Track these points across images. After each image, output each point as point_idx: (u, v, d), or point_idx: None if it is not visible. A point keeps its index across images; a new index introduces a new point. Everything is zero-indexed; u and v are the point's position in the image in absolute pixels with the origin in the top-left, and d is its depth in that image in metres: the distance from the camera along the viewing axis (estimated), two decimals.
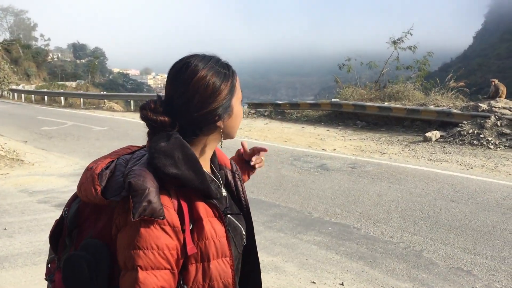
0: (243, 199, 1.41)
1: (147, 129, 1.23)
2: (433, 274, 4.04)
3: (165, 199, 1.09)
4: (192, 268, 1.12)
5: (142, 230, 1.04)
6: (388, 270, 4.12)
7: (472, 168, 8.15)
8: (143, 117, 1.19)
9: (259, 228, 5.17)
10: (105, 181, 1.12)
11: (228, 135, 1.27)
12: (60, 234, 1.23)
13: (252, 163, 1.66)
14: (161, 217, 1.05)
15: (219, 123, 1.20)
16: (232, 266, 1.18)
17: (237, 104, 1.24)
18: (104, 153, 1.28)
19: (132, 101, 23.33)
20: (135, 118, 17.95)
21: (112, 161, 1.20)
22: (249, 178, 1.72)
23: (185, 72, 1.17)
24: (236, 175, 1.43)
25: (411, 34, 16.58)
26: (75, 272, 1.08)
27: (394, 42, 16.87)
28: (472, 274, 4.02)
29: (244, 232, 1.34)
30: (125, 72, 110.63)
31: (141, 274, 1.03)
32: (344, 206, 5.96)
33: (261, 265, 1.47)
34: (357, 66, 17.82)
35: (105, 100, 24.71)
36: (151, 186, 1.06)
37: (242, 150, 1.70)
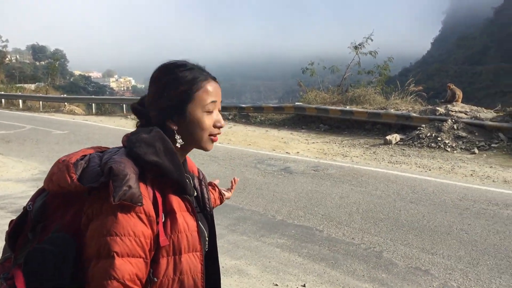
0: (208, 206, 1.42)
1: (108, 133, 1.23)
2: (393, 274, 4.13)
3: (142, 188, 1.10)
4: (163, 261, 1.12)
5: (120, 216, 1.04)
6: (349, 271, 4.18)
7: (430, 170, 8.39)
8: (131, 108, 1.33)
9: (223, 231, 5.15)
10: (80, 170, 1.12)
11: (192, 142, 1.27)
12: (20, 231, 1.19)
13: (227, 195, 1.94)
14: (140, 204, 1.06)
15: (171, 124, 1.24)
16: (202, 261, 1.20)
17: (197, 111, 1.24)
18: None
19: (93, 104, 22.83)
20: (96, 121, 17.59)
21: (85, 155, 1.20)
22: (220, 203, 1.89)
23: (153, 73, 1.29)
24: (202, 182, 1.45)
25: (372, 40, 16.96)
26: (40, 266, 1.06)
27: (356, 47, 17.19)
28: (429, 273, 4.14)
29: (207, 238, 1.35)
30: (86, 74, 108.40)
31: (118, 261, 1.03)
32: (307, 209, 6.01)
33: (223, 269, 1.48)
34: (320, 70, 18.08)
35: (66, 103, 24.06)
36: (131, 172, 1.08)
37: (215, 182, 1.90)
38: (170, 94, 1.23)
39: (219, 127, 1.28)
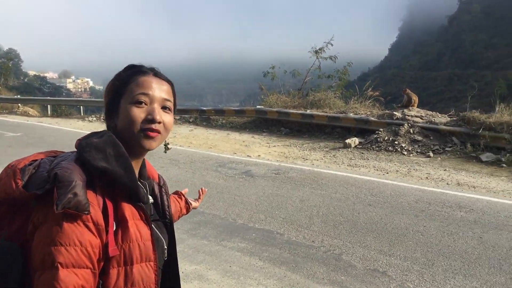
0: (167, 213, 1.37)
1: (64, 136, 1.19)
2: (351, 276, 4.19)
3: (91, 196, 1.05)
4: (114, 272, 1.07)
5: (65, 225, 0.99)
6: (309, 274, 4.22)
7: (387, 173, 8.60)
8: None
9: (183, 236, 5.09)
10: (27, 176, 1.06)
11: (129, 140, 1.19)
12: None
13: (194, 205, 1.96)
14: (86, 212, 1.00)
15: (110, 122, 1.23)
16: (156, 271, 1.15)
17: (126, 104, 1.19)
18: None
19: (49, 106, 22.14)
20: (52, 123, 17.05)
21: (36, 160, 1.14)
22: (187, 213, 1.90)
23: None
24: (163, 189, 1.41)
25: (332, 45, 17.22)
26: None
27: (316, 52, 17.40)
28: (387, 275, 4.22)
29: (165, 246, 1.31)
30: (42, 75, 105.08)
31: (62, 272, 0.97)
32: (268, 212, 6.03)
33: (183, 274, 1.46)
34: (281, 74, 18.20)
35: (19, 104, 23.19)
36: (78, 179, 1.02)
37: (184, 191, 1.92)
38: (109, 92, 1.24)
39: (151, 120, 1.18)
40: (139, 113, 1.18)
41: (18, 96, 27.52)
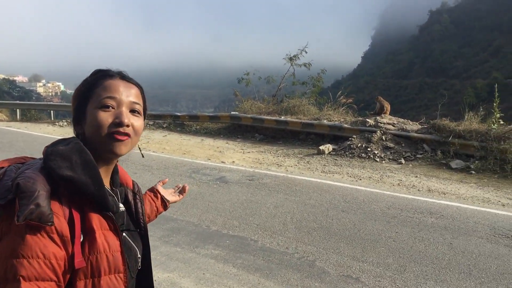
0: (141, 221, 1.34)
1: (33, 141, 1.15)
2: (325, 282, 4.20)
3: (56, 206, 1.01)
4: (81, 284, 1.04)
5: (28, 237, 0.96)
6: (283, 281, 4.20)
7: (360, 179, 8.69)
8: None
9: (155, 243, 5.01)
10: None
11: (98, 147, 1.16)
12: None
13: (173, 199, 1.93)
14: (49, 223, 0.97)
15: (78, 129, 1.20)
16: (126, 283, 1.12)
17: (92, 109, 1.16)
18: None
19: (18, 110, 21.70)
20: (21, 128, 16.65)
21: (2, 168, 1.10)
22: (164, 210, 1.87)
23: None
24: (137, 196, 1.37)
25: (306, 52, 17.38)
26: None
27: (291, 59, 17.52)
28: (360, 281, 4.25)
29: (139, 255, 1.27)
30: (11, 78, 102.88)
31: (24, 285, 0.94)
32: (242, 219, 6.00)
33: (156, 282, 1.42)
34: (256, 80, 18.25)
35: None
36: (41, 189, 0.99)
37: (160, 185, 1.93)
38: (75, 99, 1.22)
39: (118, 124, 1.15)
40: (106, 117, 1.15)
41: None
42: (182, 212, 6.22)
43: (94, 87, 1.18)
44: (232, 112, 16.08)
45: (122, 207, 1.27)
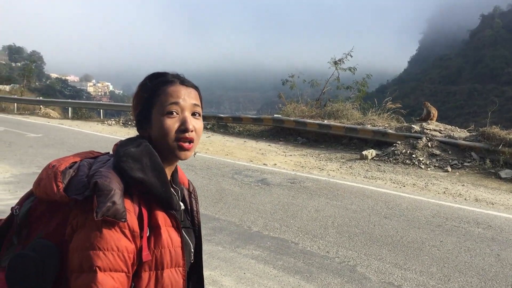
0: (196, 219, 1.42)
1: (84, 138, 1.24)
2: None
3: (128, 203, 1.10)
4: (145, 276, 1.12)
5: (104, 231, 1.04)
6: (323, 285, 4.20)
7: (404, 186, 8.52)
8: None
9: None
10: (68, 179, 1.12)
11: (164, 151, 1.23)
12: (5, 233, 1.18)
13: None
14: (123, 220, 1.06)
15: (143, 133, 1.26)
16: (184, 277, 1.20)
17: (158, 116, 1.23)
18: (38, 161, 1.27)
19: (70, 108, 22.55)
20: (72, 125, 17.33)
21: (75, 162, 1.19)
22: None
23: None
24: (192, 195, 1.45)
25: (351, 56, 17.21)
26: (21, 271, 1.05)
27: (335, 63, 17.39)
28: None
29: (192, 250, 1.36)
30: (63, 78, 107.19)
31: (100, 275, 1.02)
32: (283, 221, 6.03)
33: None
34: (300, 83, 18.20)
35: (41, 106, 23.68)
36: (116, 188, 1.07)
37: None
38: (138, 104, 1.27)
39: (184, 130, 1.22)
40: (172, 124, 1.22)
41: (40, 98, 28.08)
42: (224, 212, 6.32)
43: (156, 94, 1.24)
44: (275, 115, 16.12)
45: (182, 205, 1.36)
